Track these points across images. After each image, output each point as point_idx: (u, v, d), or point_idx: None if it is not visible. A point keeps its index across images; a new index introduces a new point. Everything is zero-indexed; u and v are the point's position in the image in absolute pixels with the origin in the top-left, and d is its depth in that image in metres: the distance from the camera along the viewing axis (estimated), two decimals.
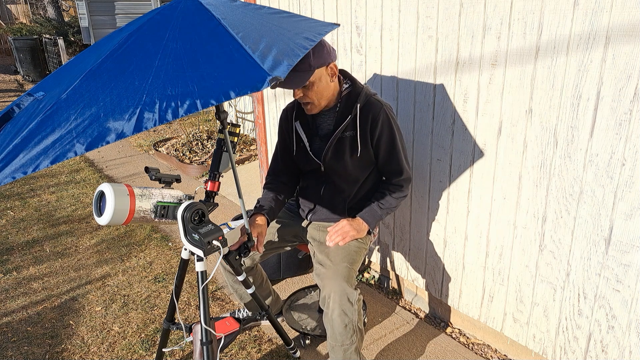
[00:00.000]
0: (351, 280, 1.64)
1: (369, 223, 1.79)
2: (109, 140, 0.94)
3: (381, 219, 1.81)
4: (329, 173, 1.83)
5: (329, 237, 1.75)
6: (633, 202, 1.47)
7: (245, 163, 4.59)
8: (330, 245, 1.74)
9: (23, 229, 3.36)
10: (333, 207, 1.87)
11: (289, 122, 1.88)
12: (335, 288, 1.61)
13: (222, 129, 1.50)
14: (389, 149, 1.77)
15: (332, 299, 1.61)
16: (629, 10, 1.35)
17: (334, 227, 1.77)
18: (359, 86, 1.77)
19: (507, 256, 1.88)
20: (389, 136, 1.75)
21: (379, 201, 1.80)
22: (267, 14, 1.39)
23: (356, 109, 1.72)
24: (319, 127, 1.82)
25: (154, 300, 2.50)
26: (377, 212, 1.79)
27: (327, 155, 1.78)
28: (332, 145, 1.76)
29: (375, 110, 1.72)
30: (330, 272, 1.64)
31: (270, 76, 1.00)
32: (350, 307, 1.61)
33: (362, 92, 1.75)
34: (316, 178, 1.88)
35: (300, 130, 1.82)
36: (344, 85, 1.77)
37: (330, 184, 1.85)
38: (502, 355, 2.07)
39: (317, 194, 1.89)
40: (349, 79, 1.78)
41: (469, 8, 1.74)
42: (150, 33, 1.15)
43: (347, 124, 1.73)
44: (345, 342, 1.64)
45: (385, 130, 1.74)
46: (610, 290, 1.59)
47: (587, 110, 1.50)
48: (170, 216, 1.41)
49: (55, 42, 8.93)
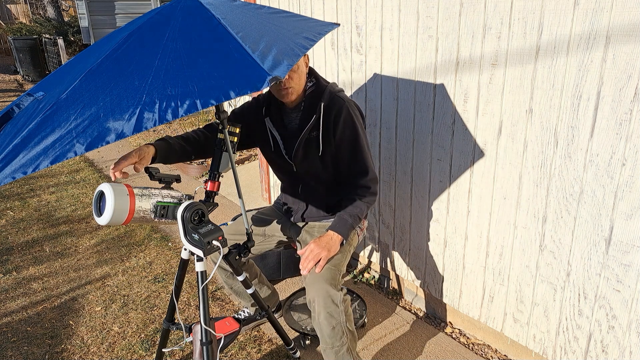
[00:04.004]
0: (335, 282, 1.63)
1: (342, 233, 1.68)
2: (108, 140, 0.93)
3: (353, 227, 1.71)
4: (302, 173, 1.81)
5: (302, 266, 1.64)
6: (633, 202, 1.46)
7: (245, 163, 4.59)
8: (304, 273, 1.64)
9: (23, 229, 3.36)
10: (313, 206, 1.86)
11: (259, 113, 1.82)
12: (318, 291, 1.60)
13: (222, 129, 1.50)
14: (352, 148, 1.72)
15: (316, 302, 1.60)
16: (629, 10, 1.35)
17: (303, 254, 1.66)
18: (322, 84, 1.73)
19: (507, 256, 1.88)
20: (352, 133, 1.70)
21: (348, 208, 1.71)
22: (267, 14, 1.39)
23: (320, 107, 1.68)
24: (286, 126, 1.79)
25: (153, 301, 2.50)
26: (347, 220, 1.69)
27: (297, 156, 1.76)
28: (300, 147, 1.73)
29: (337, 107, 1.68)
30: (312, 275, 1.63)
31: (270, 76, 1.00)
32: (335, 308, 1.60)
33: (325, 90, 1.71)
34: (292, 178, 1.87)
35: (272, 128, 1.78)
36: (308, 83, 1.74)
37: (306, 184, 1.84)
38: (502, 355, 2.07)
39: (296, 194, 1.88)
40: (314, 77, 1.75)
41: (469, 8, 1.74)
42: (150, 33, 1.14)
43: (313, 124, 1.70)
44: (335, 344, 1.64)
45: (347, 127, 1.69)
46: (611, 290, 1.59)
47: (588, 110, 1.50)
48: (170, 216, 1.41)
49: (55, 42, 8.93)
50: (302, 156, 1.75)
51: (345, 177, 1.77)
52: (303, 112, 1.72)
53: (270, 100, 1.80)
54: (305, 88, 1.72)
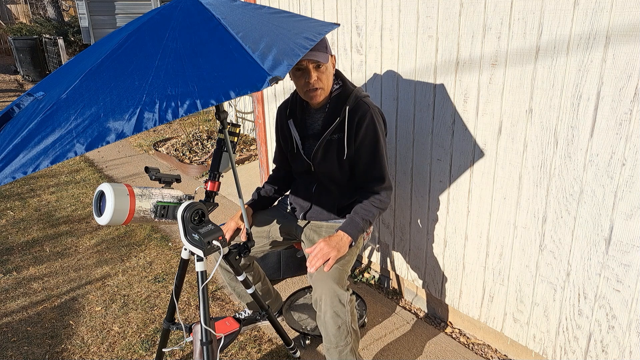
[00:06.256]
0: (342, 282, 1.63)
1: (352, 235, 1.69)
2: (109, 140, 0.93)
3: (363, 230, 1.72)
4: (318, 174, 1.83)
5: (309, 263, 1.63)
6: (633, 202, 1.46)
7: (245, 163, 4.59)
8: (311, 271, 1.63)
9: (23, 229, 3.36)
10: (324, 207, 1.87)
11: (283, 119, 1.89)
12: (325, 290, 1.60)
13: (222, 129, 1.50)
14: (371, 153, 1.73)
15: (323, 301, 1.60)
16: (629, 10, 1.35)
17: (312, 251, 1.66)
18: (349, 87, 1.75)
19: (507, 256, 1.88)
20: (373, 139, 1.72)
21: (360, 212, 1.73)
22: (267, 14, 1.39)
23: (345, 111, 1.70)
24: (308, 128, 1.82)
25: (154, 300, 2.50)
26: (358, 223, 1.71)
27: (316, 157, 1.78)
28: (321, 147, 1.76)
29: (362, 112, 1.71)
30: (320, 274, 1.63)
31: (270, 76, 1.00)
32: (342, 308, 1.60)
33: (352, 94, 1.73)
34: (307, 178, 1.89)
35: (293, 129, 1.82)
36: (335, 85, 1.76)
37: (321, 185, 1.86)
38: (502, 355, 2.07)
39: (309, 194, 1.89)
40: (341, 79, 1.77)
41: (469, 8, 1.74)
42: (150, 33, 1.15)
43: (336, 127, 1.72)
44: (339, 344, 1.64)
45: (369, 133, 1.71)
46: (611, 290, 1.59)
47: (588, 110, 1.50)
48: (170, 216, 1.41)
49: (55, 42, 8.93)
50: (321, 157, 1.78)
51: (361, 181, 1.79)
52: (327, 114, 1.75)
53: (295, 102, 1.84)
54: (331, 90, 1.74)
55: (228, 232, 1.86)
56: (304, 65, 1.62)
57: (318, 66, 1.63)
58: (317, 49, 1.61)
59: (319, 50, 1.61)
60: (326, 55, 1.62)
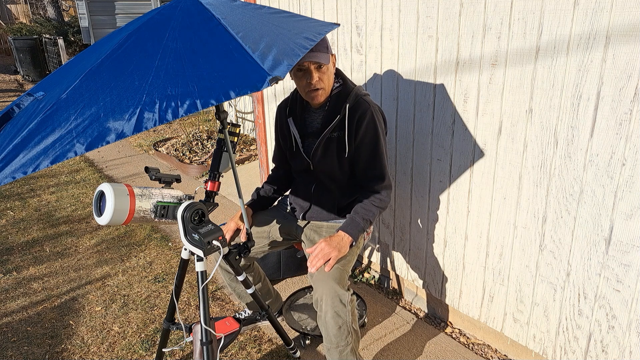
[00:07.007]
0: (343, 282, 1.64)
1: (352, 235, 1.69)
2: (109, 140, 0.94)
3: (363, 230, 1.72)
4: (318, 172, 1.83)
5: (310, 263, 1.63)
6: (633, 202, 1.46)
7: (245, 163, 4.59)
8: (312, 271, 1.63)
9: (23, 229, 3.36)
10: (324, 207, 1.87)
11: (283, 118, 1.89)
12: (326, 290, 1.60)
13: (222, 129, 1.50)
14: (371, 151, 1.73)
15: (324, 301, 1.60)
16: (629, 10, 1.35)
17: (313, 251, 1.66)
18: (349, 85, 1.76)
19: (507, 256, 1.88)
20: (373, 137, 1.72)
21: (361, 211, 1.73)
22: (267, 14, 1.39)
23: (345, 109, 1.71)
24: (308, 126, 1.82)
25: (154, 300, 2.50)
26: (359, 223, 1.71)
27: (316, 154, 1.78)
28: (321, 145, 1.76)
29: (362, 110, 1.71)
30: (321, 274, 1.63)
31: (270, 76, 1.00)
32: (343, 308, 1.60)
33: (352, 92, 1.73)
34: (306, 177, 1.89)
35: (292, 127, 1.82)
36: (335, 84, 1.76)
37: (320, 184, 1.86)
38: (502, 355, 2.07)
39: (308, 193, 1.89)
40: (341, 78, 1.77)
41: (469, 8, 1.74)
42: (150, 33, 1.15)
43: (336, 125, 1.72)
44: (340, 344, 1.64)
45: (369, 131, 1.71)
46: (611, 290, 1.59)
47: (588, 110, 1.50)
48: (170, 216, 1.41)
49: (55, 42, 8.93)
50: (320, 155, 1.78)
51: (360, 180, 1.79)
52: (327, 112, 1.75)
53: (295, 100, 1.84)
54: (332, 88, 1.75)
55: (228, 233, 1.86)
56: (306, 65, 1.62)
57: (319, 67, 1.63)
58: (318, 49, 1.61)
59: (320, 51, 1.61)
60: (327, 55, 1.63)
